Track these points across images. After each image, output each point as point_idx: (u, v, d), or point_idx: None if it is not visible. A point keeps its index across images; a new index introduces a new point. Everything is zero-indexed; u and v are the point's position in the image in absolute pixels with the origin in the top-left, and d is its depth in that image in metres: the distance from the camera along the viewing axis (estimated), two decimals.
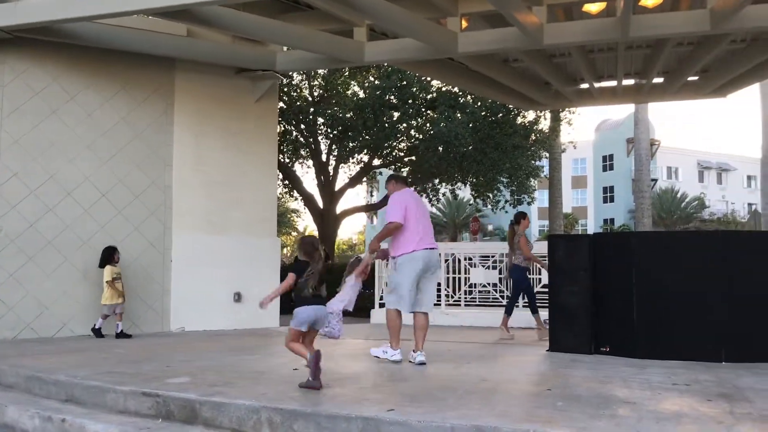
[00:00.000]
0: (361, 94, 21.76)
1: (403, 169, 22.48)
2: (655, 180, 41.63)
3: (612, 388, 5.18)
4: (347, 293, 5.95)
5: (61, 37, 8.85)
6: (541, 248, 9.81)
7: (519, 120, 21.15)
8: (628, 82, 12.09)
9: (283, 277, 5.68)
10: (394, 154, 22.60)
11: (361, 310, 9.43)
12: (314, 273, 5.25)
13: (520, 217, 9.49)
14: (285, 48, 10.47)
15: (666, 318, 6.88)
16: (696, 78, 11.63)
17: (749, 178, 61.88)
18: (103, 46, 9.20)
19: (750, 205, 54.11)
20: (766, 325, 6.70)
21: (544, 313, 9.19)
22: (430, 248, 6.57)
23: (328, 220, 22.85)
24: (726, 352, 6.65)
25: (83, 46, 9.21)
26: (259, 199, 10.85)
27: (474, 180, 22.19)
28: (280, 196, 25.43)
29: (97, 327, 8.91)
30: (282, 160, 21.49)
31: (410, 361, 6.44)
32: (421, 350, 6.48)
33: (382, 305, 10.52)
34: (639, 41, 9.88)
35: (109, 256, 9.08)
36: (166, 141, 10.09)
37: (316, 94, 22.07)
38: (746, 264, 6.82)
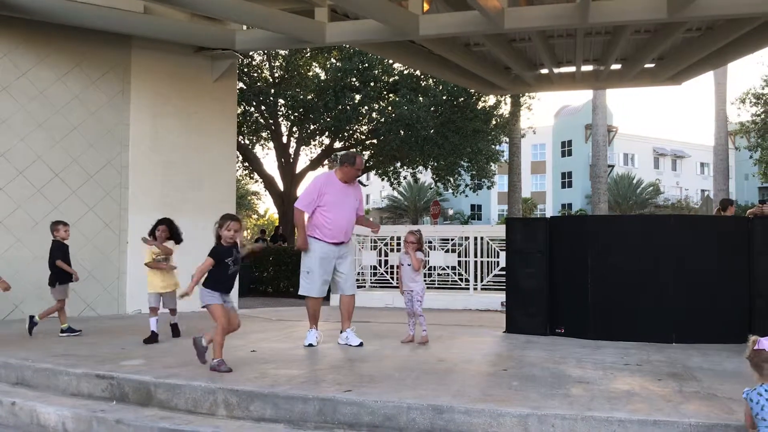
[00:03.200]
0: (323, 76, 21.61)
1: (364, 152, 22.46)
2: (612, 166, 42.35)
3: (566, 368, 5.28)
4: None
5: (13, 12, 8.56)
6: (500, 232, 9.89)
7: (480, 104, 21.29)
8: (587, 68, 12.23)
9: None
10: (355, 136, 22.55)
11: None
12: None
13: (728, 204, 9.70)
14: (244, 27, 10.30)
15: (620, 300, 7.03)
16: (652, 65, 11.83)
17: (702, 165, 63.42)
18: (56, 21, 8.92)
19: (703, 191, 55.47)
20: (715, 308, 6.90)
21: (501, 296, 9.32)
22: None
23: (288, 202, 22.65)
24: (677, 333, 6.83)
25: (36, 21, 8.92)
26: (217, 181, 10.70)
27: (435, 164, 22.31)
28: (240, 178, 25.20)
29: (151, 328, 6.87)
30: (242, 141, 21.26)
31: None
32: (347, 329, 6.61)
33: None
34: (598, 28, 9.98)
35: (153, 231, 7.06)
36: (123, 120, 9.88)
37: (276, 75, 21.83)
38: (697, 248, 7.00)
